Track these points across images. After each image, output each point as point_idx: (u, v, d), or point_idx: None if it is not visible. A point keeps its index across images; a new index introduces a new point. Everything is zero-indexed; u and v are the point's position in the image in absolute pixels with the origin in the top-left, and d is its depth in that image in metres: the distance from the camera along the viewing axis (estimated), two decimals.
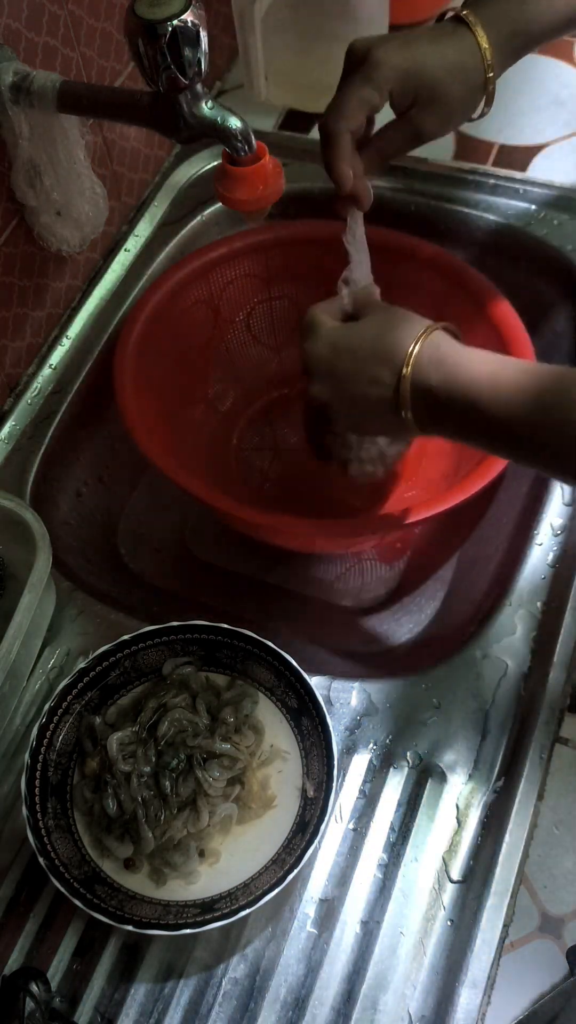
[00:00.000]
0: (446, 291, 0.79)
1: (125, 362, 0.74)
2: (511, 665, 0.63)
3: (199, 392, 0.90)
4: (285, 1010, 0.52)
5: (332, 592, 0.85)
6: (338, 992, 0.53)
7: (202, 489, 0.68)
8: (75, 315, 0.84)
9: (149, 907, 0.54)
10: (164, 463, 0.69)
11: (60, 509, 0.79)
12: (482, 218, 0.88)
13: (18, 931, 0.55)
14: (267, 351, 0.91)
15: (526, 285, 0.87)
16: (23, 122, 0.64)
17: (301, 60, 0.95)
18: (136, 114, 0.60)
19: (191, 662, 0.62)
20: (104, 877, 0.55)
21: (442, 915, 0.55)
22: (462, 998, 0.52)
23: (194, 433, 0.89)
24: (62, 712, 0.59)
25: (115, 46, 0.79)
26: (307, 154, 0.94)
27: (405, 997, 0.52)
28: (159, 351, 0.80)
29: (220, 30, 0.99)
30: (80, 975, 0.54)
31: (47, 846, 0.53)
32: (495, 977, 0.53)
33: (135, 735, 0.59)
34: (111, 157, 0.84)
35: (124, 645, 0.61)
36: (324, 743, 0.56)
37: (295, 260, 0.83)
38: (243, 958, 0.54)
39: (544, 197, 0.87)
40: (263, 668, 0.61)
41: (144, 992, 0.53)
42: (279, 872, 0.53)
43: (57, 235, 0.74)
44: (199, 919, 0.51)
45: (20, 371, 0.81)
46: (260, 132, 0.90)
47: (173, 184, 0.93)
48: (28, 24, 0.67)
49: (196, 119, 0.57)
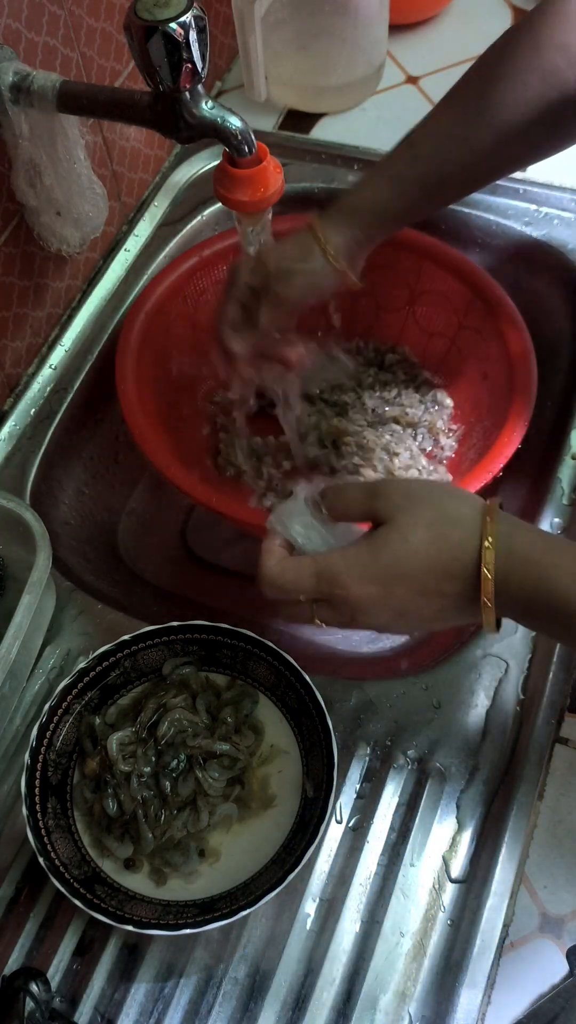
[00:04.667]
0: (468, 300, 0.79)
1: (126, 362, 0.74)
2: (511, 665, 0.63)
3: (200, 391, 0.90)
4: (285, 1010, 0.52)
5: None
6: (338, 992, 0.53)
7: (200, 490, 0.68)
8: (75, 315, 0.84)
9: (149, 907, 0.54)
10: (164, 464, 0.69)
11: (60, 509, 0.79)
12: (482, 218, 0.88)
13: (18, 931, 0.55)
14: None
15: (526, 285, 0.87)
16: (23, 122, 0.64)
17: (301, 60, 0.96)
18: (136, 114, 0.60)
19: (191, 662, 0.62)
20: (104, 877, 0.55)
21: (442, 915, 0.55)
22: (462, 998, 0.52)
23: (195, 433, 0.89)
24: (62, 712, 0.59)
25: (115, 46, 0.79)
26: (307, 154, 0.94)
27: (405, 997, 0.52)
28: (160, 351, 0.80)
29: (220, 30, 0.99)
30: (80, 975, 0.54)
31: (47, 846, 0.53)
32: (495, 977, 0.53)
33: (135, 735, 0.59)
34: (111, 157, 0.84)
35: (124, 645, 0.61)
36: (324, 743, 0.56)
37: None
38: (243, 958, 0.54)
39: (544, 197, 0.87)
40: (263, 668, 0.61)
41: (144, 992, 0.53)
42: (279, 872, 0.53)
43: (57, 235, 0.74)
44: (199, 919, 0.51)
45: (20, 371, 0.81)
46: (260, 132, 0.90)
47: (173, 184, 0.93)
48: (28, 24, 0.67)
49: (196, 119, 0.57)
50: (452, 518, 0.48)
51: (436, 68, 1.02)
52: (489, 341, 0.78)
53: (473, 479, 0.67)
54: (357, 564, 0.48)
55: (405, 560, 0.47)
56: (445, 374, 0.88)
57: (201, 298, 0.84)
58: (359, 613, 0.49)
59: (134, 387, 0.73)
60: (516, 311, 0.75)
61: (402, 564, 0.47)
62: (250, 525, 0.70)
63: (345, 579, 0.48)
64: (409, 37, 1.05)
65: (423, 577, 0.47)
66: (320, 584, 0.49)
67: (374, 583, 0.48)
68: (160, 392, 0.78)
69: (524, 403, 0.70)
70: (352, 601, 0.48)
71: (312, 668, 0.60)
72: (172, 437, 0.76)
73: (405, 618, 0.49)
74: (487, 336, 0.78)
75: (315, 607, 0.50)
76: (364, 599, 0.48)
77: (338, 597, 0.49)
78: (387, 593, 0.48)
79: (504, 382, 0.74)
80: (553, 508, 0.71)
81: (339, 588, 0.48)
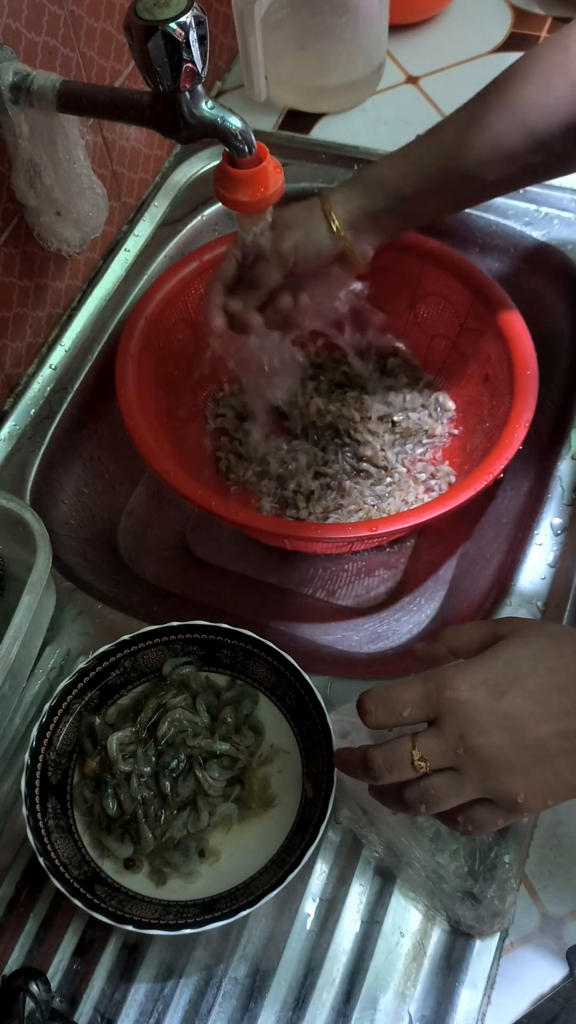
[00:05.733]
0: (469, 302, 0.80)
1: (126, 363, 0.74)
2: None
3: (201, 392, 0.91)
4: (285, 1010, 0.52)
5: (332, 592, 0.85)
6: (338, 992, 0.53)
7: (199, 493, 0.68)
8: (75, 315, 0.84)
9: (149, 907, 0.54)
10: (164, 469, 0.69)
11: (60, 509, 0.79)
12: (482, 218, 0.88)
13: (18, 931, 0.55)
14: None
15: (526, 285, 0.87)
16: (23, 122, 0.64)
17: (301, 60, 0.96)
18: (136, 114, 0.60)
19: (191, 662, 0.62)
20: (104, 877, 0.55)
21: (442, 915, 0.55)
22: (462, 998, 0.52)
23: (195, 433, 0.89)
24: (62, 712, 0.59)
25: (115, 46, 0.79)
26: (307, 154, 0.94)
27: (405, 997, 0.52)
28: (160, 350, 0.80)
29: (220, 30, 0.99)
30: (80, 975, 0.54)
31: (47, 846, 0.53)
32: (495, 977, 0.53)
33: (135, 735, 0.59)
34: (111, 157, 0.84)
35: (124, 645, 0.61)
36: (324, 743, 0.56)
37: None
38: (243, 958, 0.54)
39: (544, 197, 0.87)
40: (263, 668, 0.61)
41: (144, 992, 0.53)
42: (279, 872, 0.53)
43: (57, 235, 0.74)
44: (199, 919, 0.51)
45: (20, 371, 0.81)
46: (260, 132, 0.90)
47: (173, 184, 0.93)
48: (28, 24, 0.67)
49: (196, 119, 0.57)
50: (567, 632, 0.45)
51: (436, 68, 1.02)
52: (490, 342, 0.78)
53: (475, 480, 0.67)
54: (471, 667, 0.45)
55: (523, 663, 0.44)
56: (446, 376, 0.88)
57: (201, 303, 0.84)
58: (468, 727, 0.43)
59: (134, 390, 0.73)
60: (517, 312, 0.76)
61: (520, 666, 0.44)
62: (250, 528, 0.71)
63: (455, 680, 0.44)
64: (409, 37, 1.05)
65: (543, 686, 0.43)
66: (428, 689, 0.44)
67: (486, 687, 0.43)
68: (160, 396, 0.78)
69: (525, 404, 0.70)
70: (461, 709, 0.43)
71: (312, 668, 0.60)
72: (172, 440, 0.76)
73: (528, 745, 0.43)
74: (488, 337, 0.79)
75: (416, 739, 0.44)
76: (473, 706, 0.43)
77: (447, 704, 0.43)
78: (500, 700, 0.43)
79: (505, 383, 0.74)
80: (553, 508, 0.71)
81: (449, 689, 0.43)
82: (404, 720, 0.45)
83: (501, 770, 0.43)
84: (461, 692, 0.43)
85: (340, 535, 0.69)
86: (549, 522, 0.70)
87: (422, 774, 0.44)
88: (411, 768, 0.44)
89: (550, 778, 0.43)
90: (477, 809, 0.44)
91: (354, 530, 0.68)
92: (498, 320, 0.76)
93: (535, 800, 0.43)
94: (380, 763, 0.44)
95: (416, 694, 0.44)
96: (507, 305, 0.76)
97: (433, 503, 0.67)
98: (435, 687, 0.44)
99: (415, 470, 0.86)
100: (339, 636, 0.82)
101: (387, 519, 0.68)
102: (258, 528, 0.70)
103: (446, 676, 0.44)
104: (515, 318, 0.75)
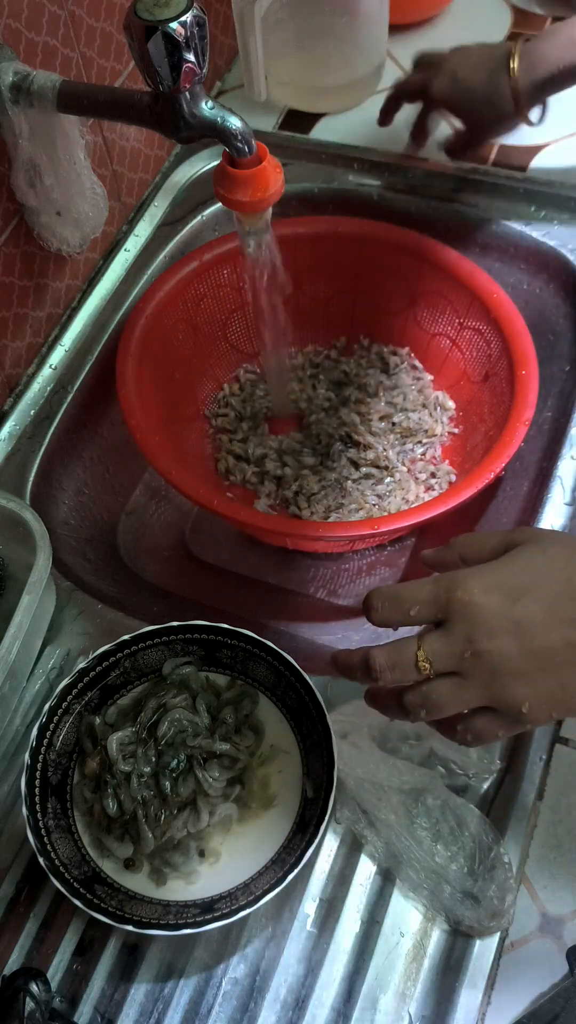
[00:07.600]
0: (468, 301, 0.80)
1: (126, 362, 0.74)
2: None
3: (201, 392, 0.91)
4: (285, 1010, 0.52)
5: (332, 592, 0.85)
6: (338, 992, 0.53)
7: (201, 492, 0.68)
8: (75, 315, 0.84)
9: (149, 907, 0.54)
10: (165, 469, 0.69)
11: (60, 509, 0.79)
12: (482, 218, 0.88)
13: (18, 931, 0.55)
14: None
15: (526, 285, 0.87)
16: (23, 122, 0.64)
17: (301, 60, 0.96)
18: (136, 114, 0.60)
19: (191, 662, 0.62)
20: (104, 877, 0.55)
21: (442, 915, 0.55)
22: (462, 998, 0.52)
23: (195, 434, 0.89)
24: (62, 712, 0.59)
25: (115, 46, 0.79)
26: (307, 154, 0.94)
27: (405, 997, 0.52)
28: (160, 351, 0.80)
29: (220, 30, 0.99)
30: (80, 975, 0.54)
31: (47, 846, 0.53)
32: (495, 977, 0.53)
33: (135, 735, 0.59)
34: (111, 157, 0.84)
35: (124, 645, 0.61)
36: (324, 743, 0.56)
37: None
38: (243, 958, 0.54)
39: (544, 197, 0.87)
40: (263, 668, 0.61)
41: (144, 992, 0.53)
42: (279, 872, 0.53)
43: (57, 235, 0.74)
44: (199, 919, 0.51)
45: (20, 371, 0.81)
46: (260, 132, 0.90)
47: (173, 184, 0.93)
48: (28, 24, 0.67)
49: (196, 119, 0.57)
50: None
51: None
52: (490, 342, 0.78)
53: (475, 478, 0.67)
54: (484, 570, 0.43)
55: (540, 569, 0.42)
56: (446, 375, 0.88)
57: (201, 303, 0.84)
58: (477, 630, 0.41)
59: (135, 390, 0.73)
60: (517, 311, 0.76)
61: (536, 572, 0.42)
62: (251, 527, 0.71)
63: (468, 582, 0.42)
64: (409, 37, 1.05)
65: (557, 594, 0.42)
66: (439, 589, 0.43)
67: (500, 591, 0.42)
68: (160, 396, 0.78)
69: (525, 403, 0.70)
70: (472, 611, 0.41)
71: (312, 668, 0.59)
72: (173, 440, 0.76)
73: (537, 653, 0.41)
74: (488, 337, 0.79)
75: (422, 640, 0.42)
76: (485, 609, 0.41)
77: (457, 606, 0.42)
78: (512, 605, 0.41)
79: (505, 382, 0.75)
80: (553, 508, 0.71)
81: (461, 591, 0.42)
82: (411, 618, 0.43)
83: (507, 677, 0.41)
84: (474, 594, 0.42)
85: (342, 533, 0.69)
86: (549, 522, 0.70)
87: (424, 677, 0.42)
88: (414, 669, 0.42)
89: (556, 689, 0.41)
90: (479, 718, 0.43)
91: (356, 528, 0.68)
92: (498, 319, 0.76)
93: (539, 711, 0.41)
94: (382, 661, 0.43)
95: (426, 593, 0.43)
96: (507, 304, 0.76)
97: (434, 501, 0.67)
98: (446, 587, 0.42)
99: (415, 469, 0.86)
100: (339, 636, 0.82)
101: (388, 517, 0.68)
102: (260, 527, 0.70)
103: (459, 577, 0.43)
104: (515, 317, 0.75)
